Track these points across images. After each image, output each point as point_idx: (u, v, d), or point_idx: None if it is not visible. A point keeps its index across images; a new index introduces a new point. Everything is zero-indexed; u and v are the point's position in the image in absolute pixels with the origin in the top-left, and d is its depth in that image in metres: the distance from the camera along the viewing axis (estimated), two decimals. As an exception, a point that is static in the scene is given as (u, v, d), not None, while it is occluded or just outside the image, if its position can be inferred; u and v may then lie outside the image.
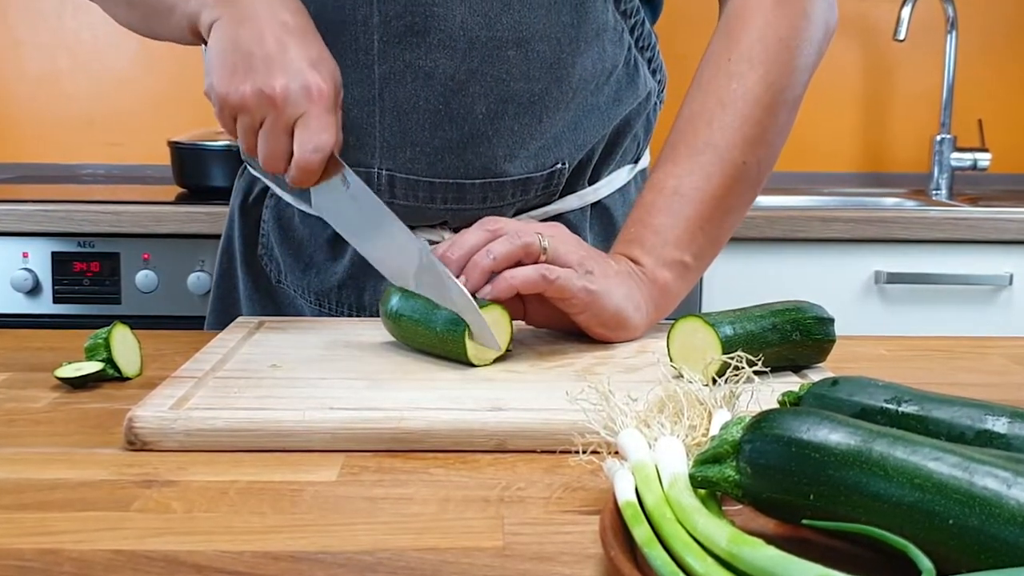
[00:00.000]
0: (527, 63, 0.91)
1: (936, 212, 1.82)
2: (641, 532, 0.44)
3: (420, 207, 0.94)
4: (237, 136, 0.80)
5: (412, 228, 0.95)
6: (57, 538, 0.49)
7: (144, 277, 1.75)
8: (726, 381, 0.57)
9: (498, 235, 0.79)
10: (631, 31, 0.99)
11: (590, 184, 1.02)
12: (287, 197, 1.04)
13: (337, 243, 1.01)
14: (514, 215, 0.98)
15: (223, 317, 1.08)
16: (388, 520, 0.52)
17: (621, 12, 0.97)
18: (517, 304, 0.83)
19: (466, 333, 0.76)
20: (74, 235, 1.74)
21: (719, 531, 0.42)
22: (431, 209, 0.95)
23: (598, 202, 1.03)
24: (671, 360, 0.75)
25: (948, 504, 0.40)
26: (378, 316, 1.00)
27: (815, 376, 0.75)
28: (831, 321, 0.78)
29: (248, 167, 1.11)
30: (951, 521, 0.40)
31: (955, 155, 2.27)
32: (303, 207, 1.02)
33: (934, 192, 2.28)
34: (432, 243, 0.95)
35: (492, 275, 0.78)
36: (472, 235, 0.80)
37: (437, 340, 0.77)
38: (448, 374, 0.75)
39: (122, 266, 1.75)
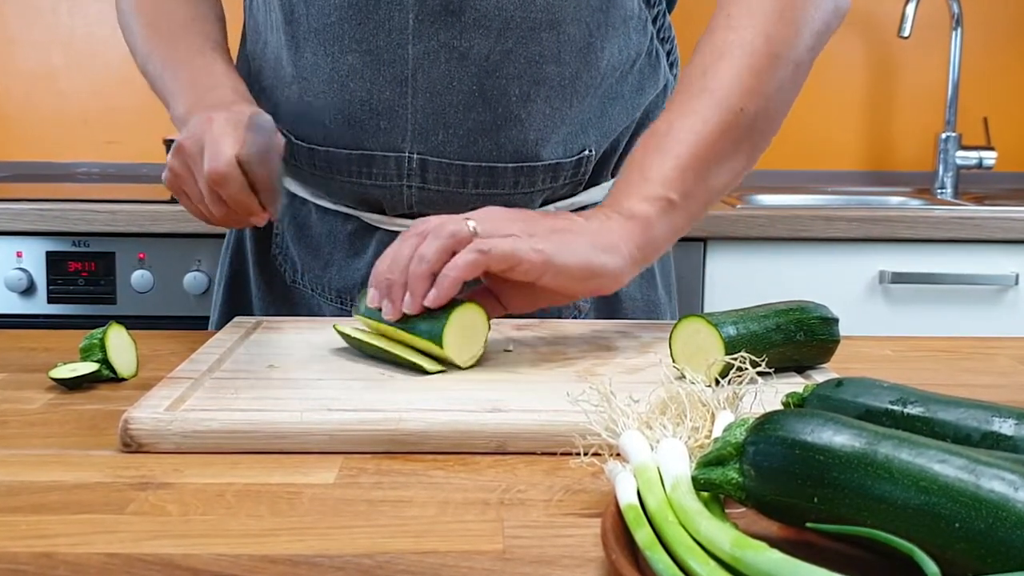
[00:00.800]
0: (559, 45, 0.92)
1: (941, 211, 1.82)
2: (643, 535, 0.44)
3: (451, 192, 0.95)
4: (196, 213, 0.90)
5: None
6: (51, 541, 0.49)
7: (140, 277, 1.75)
8: (729, 382, 0.57)
9: (423, 236, 0.77)
10: (653, 21, 1.01)
11: (613, 176, 1.02)
12: (303, 193, 1.04)
13: (357, 240, 1.01)
14: (542, 204, 0.99)
15: (232, 319, 1.08)
16: (387, 523, 0.52)
17: (645, 1, 0.99)
18: (492, 302, 0.82)
19: (443, 337, 0.75)
20: (69, 234, 1.74)
21: (722, 534, 0.42)
22: (462, 194, 0.95)
23: None
24: (673, 361, 0.75)
25: (954, 507, 0.40)
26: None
27: (819, 377, 0.75)
28: (835, 321, 0.78)
29: None
30: (957, 524, 0.40)
31: (960, 153, 2.27)
32: (321, 202, 1.02)
33: (939, 191, 2.28)
34: None
35: (434, 277, 0.76)
36: (402, 246, 0.78)
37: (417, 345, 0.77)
38: (448, 375, 0.75)
39: (117, 266, 1.75)
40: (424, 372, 0.75)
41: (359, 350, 0.81)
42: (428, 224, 0.78)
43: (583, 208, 1.00)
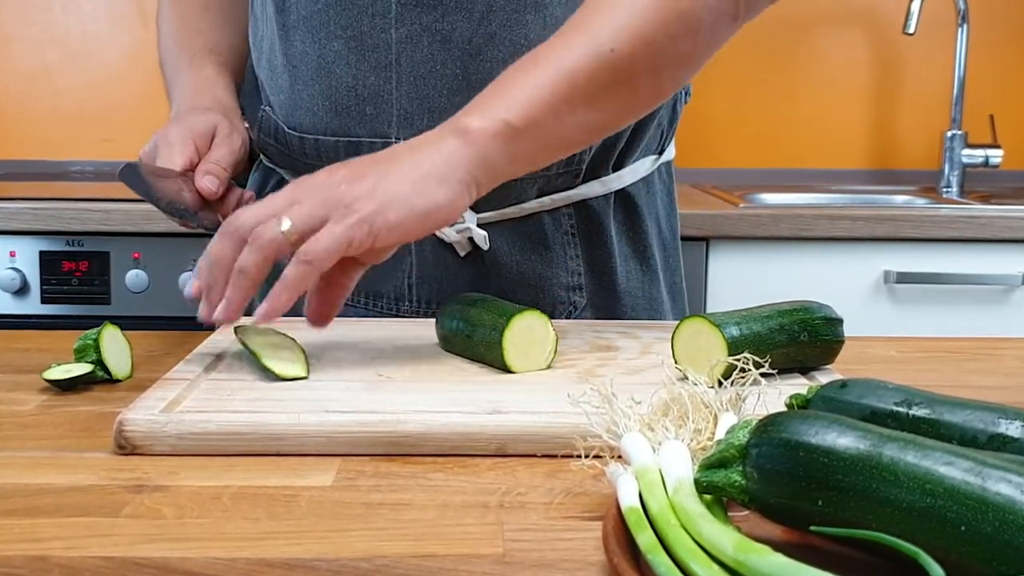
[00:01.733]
0: (545, 28, 0.92)
1: (947, 210, 1.82)
2: (645, 538, 0.44)
3: None
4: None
5: None
6: (46, 545, 0.49)
7: (134, 277, 1.74)
8: (732, 383, 0.57)
9: (242, 237, 0.75)
10: None
11: (614, 171, 1.02)
12: None
13: None
14: (537, 196, 0.98)
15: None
16: (385, 526, 0.52)
17: None
18: (349, 265, 0.79)
19: (503, 341, 0.76)
20: (63, 234, 1.74)
21: (725, 538, 0.42)
22: None
23: (622, 191, 1.03)
24: (675, 362, 0.75)
25: (960, 510, 0.40)
26: (386, 311, 1.01)
27: (823, 378, 0.75)
28: (839, 322, 0.78)
29: (263, 160, 1.11)
30: (963, 527, 0.40)
31: (966, 151, 2.27)
32: None
33: (945, 190, 2.28)
34: (451, 224, 0.94)
35: (254, 287, 0.75)
36: (224, 247, 0.75)
37: (483, 349, 0.78)
38: (447, 376, 0.75)
39: (112, 265, 1.75)
40: (278, 378, 0.73)
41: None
42: (243, 222, 0.75)
43: (581, 203, 1.00)
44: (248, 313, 1.06)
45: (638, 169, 1.04)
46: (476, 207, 0.97)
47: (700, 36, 0.83)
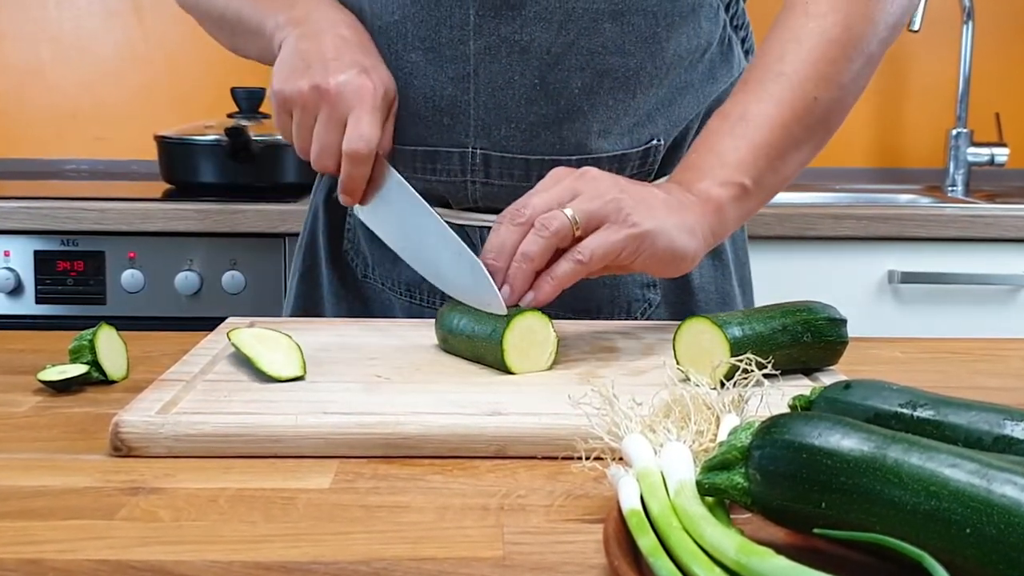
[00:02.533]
0: (623, 37, 0.93)
1: (952, 209, 1.82)
2: (646, 541, 0.44)
3: (516, 186, 0.96)
4: (292, 136, 0.89)
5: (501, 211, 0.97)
6: (40, 548, 0.49)
7: (130, 277, 1.75)
8: (734, 384, 0.57)
9: (528, 225, 0.79)
10: (727, 8, 1.02)
11: None
12: None
13: None
14: None
15: (307, 316, 1.10)
16: (384, 529, 0.52)
17: None
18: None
19: (503, 341, 0.76)
20: (57, 233, 1.74)
21: (727, 540, 0.42)
22: (526, 188, 0.96)
23: None
24: (677, 362, 0.75)
25: (965, 512, 0.40)
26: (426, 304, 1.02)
27: (827, 379, 0.75)
28: (843, 322, 0.78)
29: None
30: (968, 530, 0.40)
31: (972, 150, 2.27)
32: None
33: (950, 188, 2.28)
34: None
35: (536, 275, 0.80)
36: (510, 233, 0.80)
37: (483, 349, 0.78)
38: (447, 377, 0.75)
39: (107, 265, 1.75)
40: (274, 379, 0.73)
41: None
42: (531, 211, 0.80)
43: None
44: (310, 313, 1.08)
45: None
46: None
47: (874, 66, 0.93)
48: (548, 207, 0.80)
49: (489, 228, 0.94)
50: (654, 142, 0.98)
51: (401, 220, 0.88)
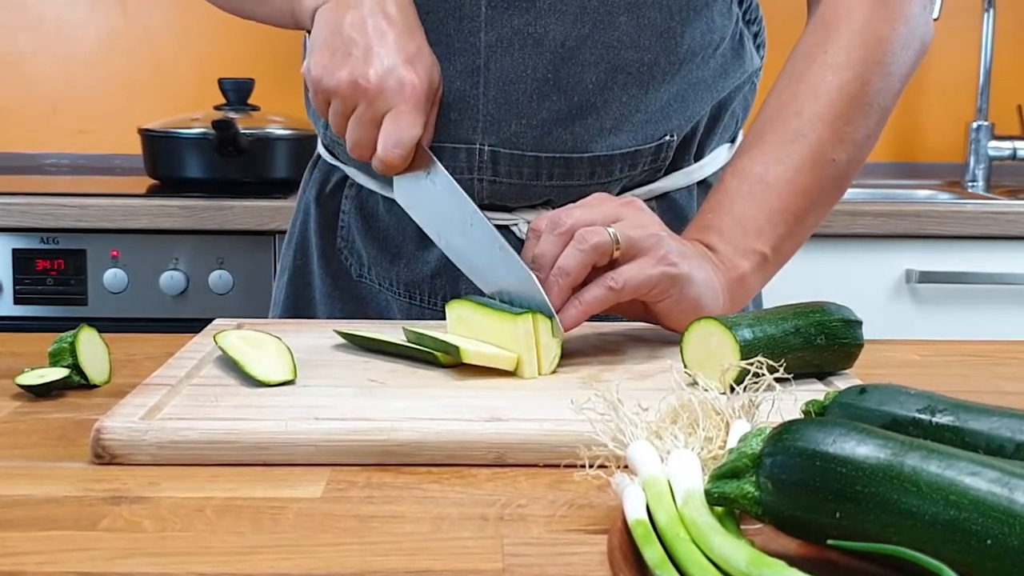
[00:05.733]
0: (638, 30, 0.94)
1: (972, 205, 1.82)
2: (653, 553, 0.44)
3: (525, 185, 0.96)
4: (328, 118, 0.88)
5: (513, 210, 0.98)
6: (19, 559, 0.49)
7: (112, 276, 1.75)
8: (745, 389, 0.57)
9: (569, 236, 0.80)
10: (739, 3, 1.02)
11: (695, 161, 1.04)
12: (371, 184, 1.05)
13: None
14: (619, 193, 0.99)
15: (297, 317, 1.09)
16: (378, 540, 0.52)
17: None
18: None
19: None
20: (36, 230, 1.74)
21: (737, 552, 0.42)
22: (536, 187, 0.96)
23: (703, 181, 1.05)
24: (685, 366, 0.75)
25: (986, 522, 0.40)
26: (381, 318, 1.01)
27: (841, 384, 0.75)
28: (859, 324, 0.78)
29: (323, 157, 1.11)
30: (989, 541, 0.40)
31: (992, 144, 2.27)
32: (388, 193, 1.03)
33: (970, 184, 2.28)
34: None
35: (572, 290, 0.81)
36: (547, 244, 0.81)
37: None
38: (444, 381, 0.75)
39: (88, 264, 1.75)
40: (263, 383, 0.73)
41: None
42: (573, 222, 0.81)
43: (664, 196, 1.02)
44: (300, 315, 1.08)
45: (717, 157, 1.06)
46: (557, 204, 0.97)
47: (886, 120, 0.97)
48: (591, 222, 0.81)
49: (495, 227, 0.93)
50: (667, 138, 0.98)
51: (438, 207, 0.88)
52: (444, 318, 0.84)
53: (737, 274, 0.88)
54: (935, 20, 2.16)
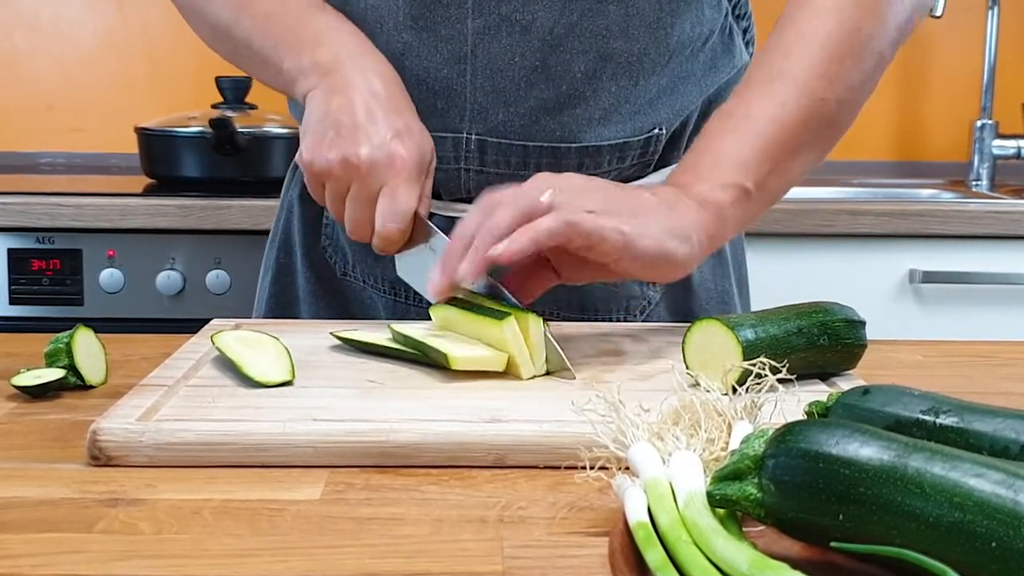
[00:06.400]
0: (627, 20, 0.94)
1: (976, 205, 1.82)
2: (654, 556, 0.44)
3: (512, 175, 0.96)
4: (326, 204, 0.89)
5: None
6: (14, 562, 0.49)
7: (109, 276, 1.74)
8: (747, 390, 0.57)
9: (496, 207, 0.79)
10: None
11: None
12: None
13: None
14: None
15: (280, 317, 1.09)
16: (376, 542, 0.52)
17: None
18: (546, 271, 0.84)
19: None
20: (32, 230, 1.74)
21: (739, 555, 0.42)
22: (523, 177, 0.96)
23: None
24: (687, 367, 0.75)
25: (991, 525, 0.40)
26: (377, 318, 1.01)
27: (845, 385, 0.75)
28: (862, 324, 0.78)
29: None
30: (994, 543, 0.40)
31: (997, 142, 2.27)
32: None
33: (974, 183, 2.28)
34: None
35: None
36: (469, 220, 0.79)
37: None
38: (443, 382, 0.75)
39: (85, 264, 1.75)
40: (261, 384, 0.73)
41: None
42: (500, 194, 0.80)
43: None
44: (284, 314, 1.08)
45: None
46: None
47: (883, 68, 0.93)
48: (523, 193, 0.79)
49: None
50: (656, 131, 0.98)
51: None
52: (429, 315, 0.84)
53: (712, 208, 0.84)
54: (938, 18, 2.17)
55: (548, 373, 0.78)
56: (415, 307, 1.02)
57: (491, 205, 0.79)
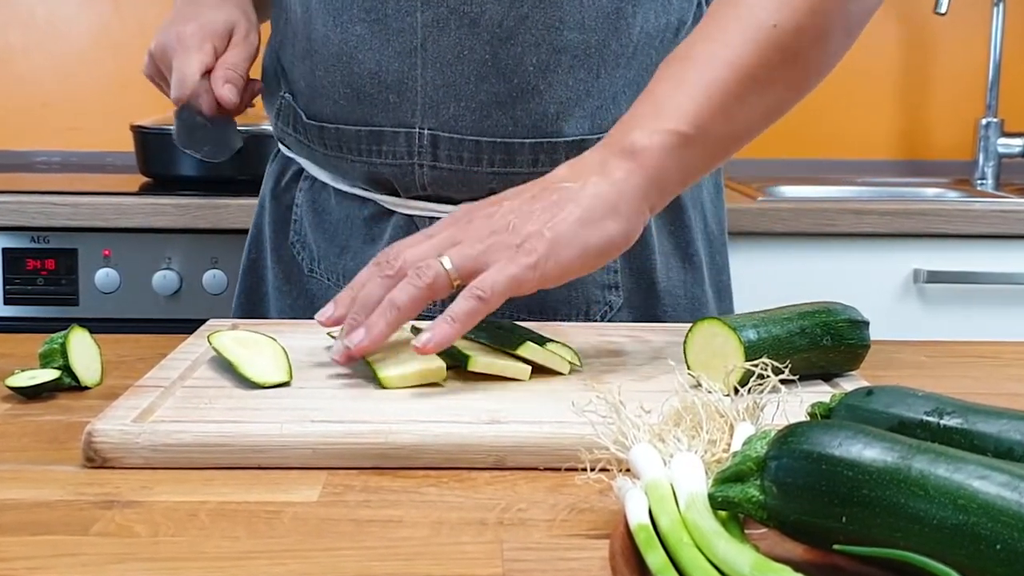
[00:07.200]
0: (582, 11, 0.93)
1: (981, 204, 1.82)
2: (655, 558, 0.44)
3: (466, 171, 0.96)
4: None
5: (458, 201, 0.96)
6: (9, 565, 0.49)
7: (104, 276, 1.74)
8: (749, 391, 0.57)
9: (399, 276, 0.76)
10: None
11: None
12: (323, 176, 1.06)
13: (374, 224, 1.03)
14: None
15: (250, 314, 1.10)
16: (375, 545, 0.52)
17: None
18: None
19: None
20: (27, 229, 1.74)
21: (742, 557, 0.42)
22: (477, 173, 0.96)
23: None
24: (688, 368, 0.75)
25: (995, 527, 0.40)
26: None
27: (848, 385, 0.75)
28: (865, 324, 0.78)
29: (280, 149, 1.12)
30: (999, 546, 0.40)
31: (1002, 141, 2.27)
32: (340, 185, 1.04)
33: (979, 182, 2.28)
34: None
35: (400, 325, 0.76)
36: (370, 285, 0.76)
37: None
38: (442, 383, 0.75)
39: (80, 264, 1.75)
40: (258, 385, 0.73)
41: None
42: (396, 259, 0.76)
43: None
44: (254, 311, 1.08)
45: None
46: None
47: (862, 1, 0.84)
48: (421, 256, 0.76)
49: (439, 219, 0.90)
50: None
51: None
52: None
53: (640, 159, 0.78)
54: (942, 15, 2.17)
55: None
56: None
57: (389, 275, 0.76)
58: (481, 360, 0.75)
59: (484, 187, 0.97)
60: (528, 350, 0.76)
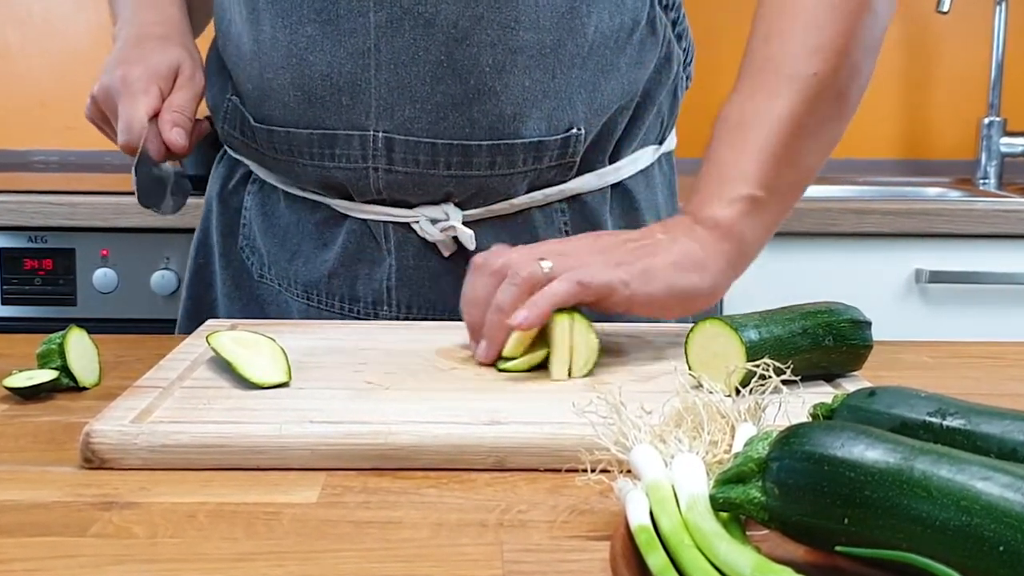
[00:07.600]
0: (537, 11, 0.92)
1: (984, 203, 1.82)
2: (656, 560, 0.44)
3: (422, 173, 0.95)
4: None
5: (414, 206, 0.97)
6: (6, 566, 0.49)
7: (102, 276, 1.74)
8: (751, 391, 0.57)
9: (501, 275, 0.80)
10: None
11: (611, 163, 1.02)
12: (272, 179, 1.05)
13: (326, 229, 1.02)
14: (528, 191, 0.98)
15: (197, 320, 1.08)
16: (374, 546, 0.52)
17: None
18: None
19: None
20: (24, 229, 1.74)
21: (743, 559, 0.42)
22: (433, 176, 0.95)
23: (619, 184, 1.03)
24: (690, 368, 0.75)
25: (999, 528, 0.40)
26: (363, 316, 1.00)
27: (850, 386, 0.75)
28: (868, 325, 0.78)
29: (228, 151, 1.11)
30: (1002, 548, 0.40)
31: (1005, 140, 2.27)
32: (290, 188, 1.03)
33: (981, 181, 2.28)
34: (434, 222, 0.96)
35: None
36: (477, 284, 0.82)
37: None
38: (442, 384, 0.75)
39: (78, 264, 1.75)
40: (257, 385, 0.74)
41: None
42: (501, 260, 0.81)
43: (576, 198, 1.00)
44: (202, 317, 1.07)
45: (637, 160, 1.04)
46: (462, 205, 0.97)
47: (881, 23, 0.90)
48: (519, 260, 0.81)
49: (395, 224, 0.96)
50: (574, 131, 0.96)
51: None
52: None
53: (722, 230, 0.84)
54: (945, 14, 2.17)
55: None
56: (327, 311, 1.01)
57: (494, 273, 0.81)
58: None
59: (440, 190, 0.96)
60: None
